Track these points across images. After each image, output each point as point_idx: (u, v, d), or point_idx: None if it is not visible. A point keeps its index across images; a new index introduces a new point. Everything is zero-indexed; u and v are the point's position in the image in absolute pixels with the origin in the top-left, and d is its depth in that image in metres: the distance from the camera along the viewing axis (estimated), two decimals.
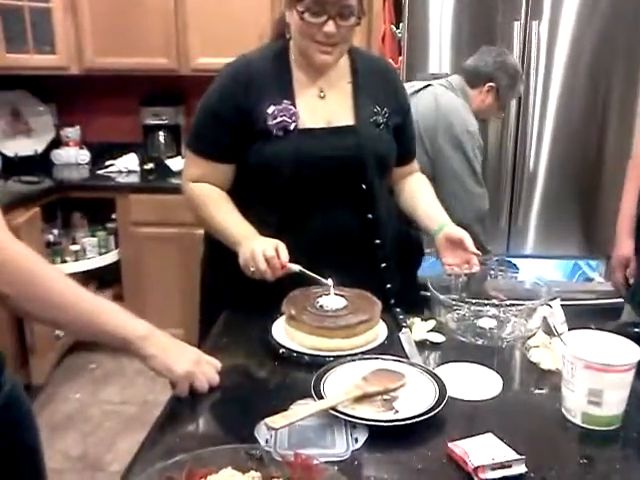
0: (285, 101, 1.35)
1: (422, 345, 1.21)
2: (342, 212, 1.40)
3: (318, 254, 1.32)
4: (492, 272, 1.57)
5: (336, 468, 0.79)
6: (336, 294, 1.24)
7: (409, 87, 2.20)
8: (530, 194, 2.75)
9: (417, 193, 1.57)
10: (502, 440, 0.88)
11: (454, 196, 2.02)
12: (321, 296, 1.24)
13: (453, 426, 0.94)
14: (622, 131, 2.64)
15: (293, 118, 1.34)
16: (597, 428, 0.93)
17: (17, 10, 2.86)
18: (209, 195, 1.43)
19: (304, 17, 1.28)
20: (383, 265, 1.48)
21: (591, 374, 0.91)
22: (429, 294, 1.34)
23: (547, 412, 0.99)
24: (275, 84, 1.37)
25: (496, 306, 1.29)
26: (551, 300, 1.21)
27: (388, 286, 1.49)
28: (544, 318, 1.19)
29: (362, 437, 0.91)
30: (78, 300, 0.94)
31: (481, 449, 0.85)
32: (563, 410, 0.97)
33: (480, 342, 1.23)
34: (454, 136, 2.04)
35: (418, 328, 1.25)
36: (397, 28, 2.75)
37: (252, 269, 1.25)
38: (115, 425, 2.46)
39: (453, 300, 1.29)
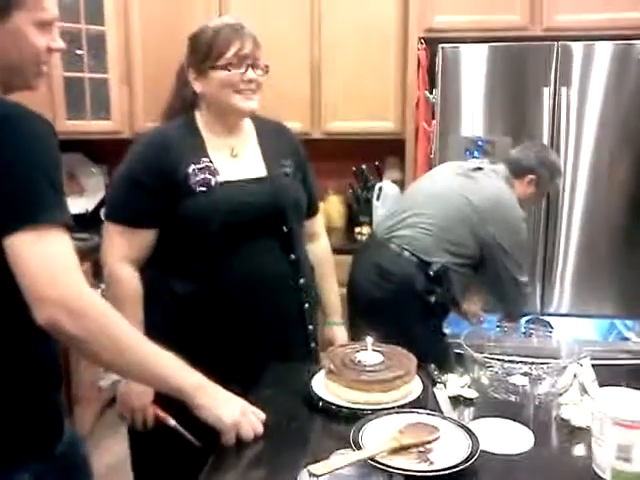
0: (204, 159, 1.47)
1: (456, 400, 1.26)
2: (267, 255, 1.51)
3: (246, 297, 1.47)
4: (525, 331, 1.63)
5: None
6: (373, 350, 1.31)
7: (458, 165, 2.30)
8: (565, 253, 2.79)
9: (320, 275, 1.74)
10: None
11: (496, 289, 2.16)
12: (359, 351, 1.30)
13: (485, 477, 0.98)
14: None
15: (214, 174, 1.46)
16: None
17: (78, 81, 3.11)
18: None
19: (230, 69, 1.45)
20: (306, 306, 1.59)
21: (620, 430, 0.95)
22: (462, 352, 1.40)
23: (578, 468, 1.03)
24: (190, 147, 1.49)
25: (528, 364, 1.34)
26: (581, 358, 1.25)
27: (310, 327, 1.61)
28: (574, 376, 1.24)
29: None
30: (141, 349, 1.04)
31: None
32: (594, 466, 1.01)
33: (512, 399, 1.27)
34: (512, 231, 2.11)
35: (452, 384, 1.30)
36: (431, 94, 2.88)
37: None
38: None
39: (486, 358, 1.35)
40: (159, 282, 1.50)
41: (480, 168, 2.21)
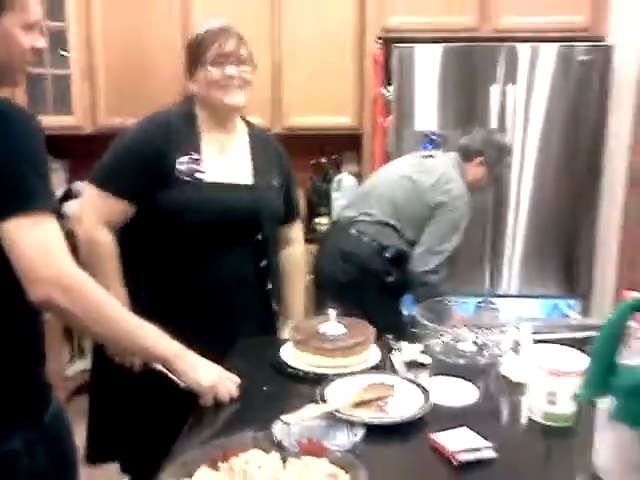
0: (194, 154, 1.55)
1: (410, 365, 1.40)
2: (238, 260, 1.60)
3: (214, 298, 1.56)
4: (474, 309, 1.78)
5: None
6: (336, 322, 1.43)
7: (412, 155, 2.46)
8: (513, 238, 2.99)
9: (289, 278, 1.84)
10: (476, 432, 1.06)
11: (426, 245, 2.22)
12: (323, 323, 1.43)
13: (435, 425, 1.12)
14: (590, 180, 2.93)
15: (200, 171, 1.54)
16: (555, 424, 1.12)
17: (40, 76, 3.14)
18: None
19: (211, 66, 1.54)
20: (274, 306, 1.70)
21: (548, 379, 1.11)
22: (417, 330, 1.55)
23: (515, 414, 1.19)
24: (186, 137, 1.57)
25: (475, 332, 1.49)
26: (520, 324, 1.41)
27: (273, 321, 1.72)
28: (515, 341, 1.39)
29: (360, 433, 1.09)
30: (128, 322, 1.15)
31: (457, 438, 1.03)
32: (528, 411, 1.16)
33: (461, 362, 1.42)
34: (450, 207, 2.22)
35: (407, 350, 1.44)
36: (387, 91, 3.03)
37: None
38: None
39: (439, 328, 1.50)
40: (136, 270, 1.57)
41: (432, 156, 2.37)
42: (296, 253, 1.88)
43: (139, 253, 1.58)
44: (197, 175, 1.53)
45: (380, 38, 3.04)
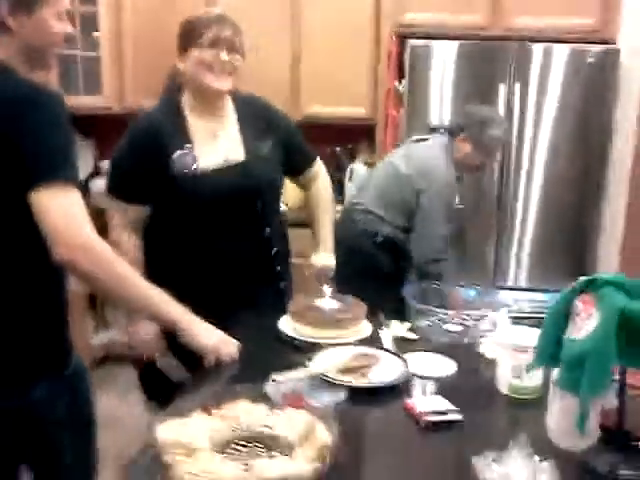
0: (187, 145, 1.63)
1: (398, 340, 1.53)
2: (244, 232, 1.70)
3: (226, 269, 1.67)
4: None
5: None
6: (330, 298, 1.57)
7: (410, 139, 2.58)
8: (521, 233, 3.09)
9: (314, 212, 1.94)
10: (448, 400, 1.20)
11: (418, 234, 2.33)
12: (319, 299, 1.57)
13: (412, 393, 1.25)
14: (597, 177, 3.02)
15: (195, 160, 1.62)
16: (520, 396, 1.24)
17: (72, 58, 3.30)
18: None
19: (205, 48, 1.60)
20: (278, 268, 1.80)
21: (513, 354, 1.23)
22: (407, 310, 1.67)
23: (486, 387, 1.31)
24: (175, 132, 1.63)
25: (459, 315, 1.62)
26: (500, 309, 1.54)
27: (281, 285, 1.83)
28: (493, 322, 1.52)
29: (342, 396, 1.22)
30: (143, 285, 1.29)
31: (428, 403, 1.16)
32: (497, 384, 1.29)
33: (445, 340, 1.55)
34: (434, 191, 2.31)
35: (396, 327, 1.57)
36: (400, 84, 3.13)
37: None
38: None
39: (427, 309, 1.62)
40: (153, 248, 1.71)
41: (423, 139, 2.45)
42: (317, 190, 1.95)
43: (154, 241, 1.70)
44: (192, 166, 1.62)
45: (395, 33, 3.12)
